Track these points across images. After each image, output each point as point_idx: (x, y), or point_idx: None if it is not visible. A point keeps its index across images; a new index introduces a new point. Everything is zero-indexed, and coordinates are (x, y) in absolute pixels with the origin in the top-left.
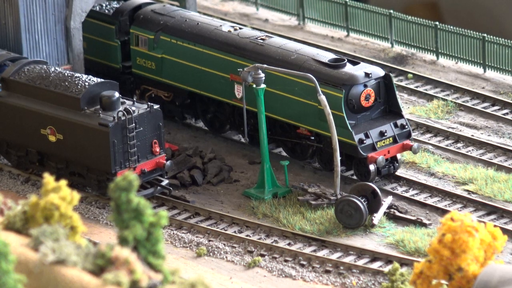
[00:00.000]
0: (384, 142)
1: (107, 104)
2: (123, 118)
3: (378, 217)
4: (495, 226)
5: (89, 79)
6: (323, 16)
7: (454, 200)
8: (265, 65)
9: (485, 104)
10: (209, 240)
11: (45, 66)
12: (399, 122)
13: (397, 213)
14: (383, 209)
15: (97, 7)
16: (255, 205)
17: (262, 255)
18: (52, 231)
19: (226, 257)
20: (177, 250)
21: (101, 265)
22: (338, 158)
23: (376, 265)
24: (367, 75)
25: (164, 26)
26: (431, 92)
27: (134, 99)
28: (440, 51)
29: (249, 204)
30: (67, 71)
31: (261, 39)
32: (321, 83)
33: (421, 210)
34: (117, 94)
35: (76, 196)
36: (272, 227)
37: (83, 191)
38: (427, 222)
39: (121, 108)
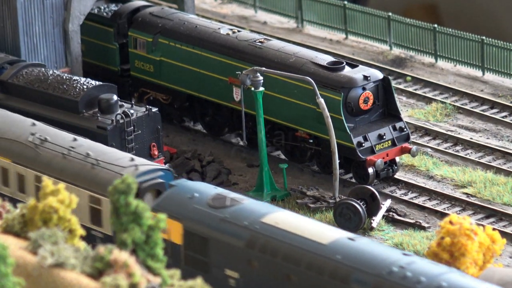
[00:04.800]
0: (382, 145)
1: (106, 107)
2: (121, 121)
3: (377, 220)
4: (494, 229)
5: (88, 82)
6: (322, 19)
7: (453, 203)
8: (263, 68)
9: (484, 107)
10: None
11: (43, 69)
12: (397, 125)
13: (396, 216)
14: (382, 212)
15: (96, 10)
16: None
17: None
18: (50, 234)
19: None
20: None
21: (99, 268)
22: (337, 161)
23: None
24: (365, 78)
25: (162, 28)
26: (429, 94)
27: (133, 102)
28: (438, 53)
29: None
30: (65, 74)
31: (260, 41)
32: (319, 86)
33: (420, 213)
34: (115, 97)
35: (74, 199)
36: None
37: None
38: (426, 225)
39: (119, 111)
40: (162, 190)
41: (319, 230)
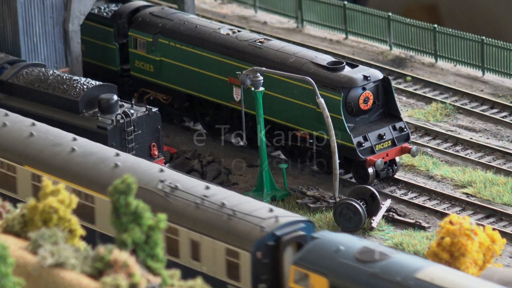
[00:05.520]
0: (382, 145)
1: (106, 107)
2: (121, 121)
3: (377, 220)
4: (493, 229)
5: (88, 82)
6: (322, 19)
7: (453, 203)
8: (263, 68)
9: (484, 107)
10: None
11: (43, 69)
12: (397, 125)
13: (396, 216)
14: (382, 212)
15: (96, 10)
16: None
17: None
18: (50, 234)
19: None
20: None
21: (99, 268)
22: (337, 161)
23: None
24: (365, 78)
25: (162, 28)
26: (429, 95)
27: (133, 102)
28: (438, 53)
29: None
30: (66, 74)
31: (260, 41)
32: (319, 86)
33: (420, 213)
34: (115, 97)
35: (74, 199)
36: None
37: None
38: (426, 225)
39: (119, 111)
40: (303, 243)
41: (478, 286)
